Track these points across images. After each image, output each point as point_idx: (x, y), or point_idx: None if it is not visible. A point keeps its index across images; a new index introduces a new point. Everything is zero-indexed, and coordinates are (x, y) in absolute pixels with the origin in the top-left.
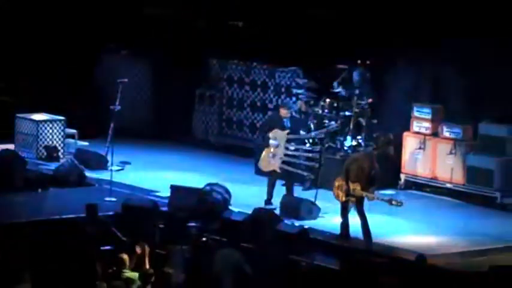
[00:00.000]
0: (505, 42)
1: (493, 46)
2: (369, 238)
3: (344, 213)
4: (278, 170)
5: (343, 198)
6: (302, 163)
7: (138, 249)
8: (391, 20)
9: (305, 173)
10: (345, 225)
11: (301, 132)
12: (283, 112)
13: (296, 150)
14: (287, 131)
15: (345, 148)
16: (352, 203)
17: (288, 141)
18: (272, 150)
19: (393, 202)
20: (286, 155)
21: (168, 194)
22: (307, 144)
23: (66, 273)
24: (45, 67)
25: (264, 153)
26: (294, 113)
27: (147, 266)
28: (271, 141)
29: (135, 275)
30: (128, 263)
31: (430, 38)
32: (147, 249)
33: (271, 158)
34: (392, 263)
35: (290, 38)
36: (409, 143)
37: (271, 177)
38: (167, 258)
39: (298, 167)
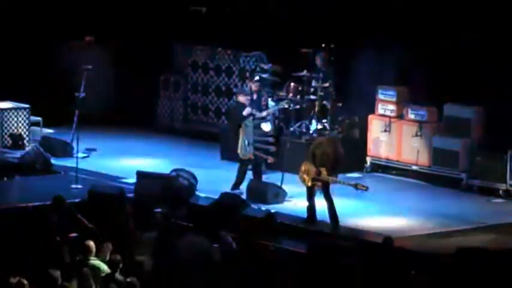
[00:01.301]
0: (469, 22)
1: (457, 27)
2: (336, 221)
3: (310, 197)
4: (252, 157)
5: (309, 183)
6: (264, 147)
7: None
8: (356, 3)
9: (269, 158)
10: (311, 209)
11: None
12: (243, 99)
13: (261, 135)
14: (251, 117)
15: (311, 132)
16: (318, 187)
17: (256, 126)
18: (246, 138)
19: (359, 187)
20: (254, 140)
21: (134, 181)
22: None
23: (30, 262)
24: (8, 54)
25: (240, 142)
26: (252, 97)
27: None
28: (242, 129)
29: (101, 263)
30: (94, 250)
31: (394, 20)
32: (109, 246)
33: (247, 146)
34: (360, 246)
35: (254, 23)
36: (374, 125)
37: (244, 164)
38: (136, 245)
39: (263, 151)
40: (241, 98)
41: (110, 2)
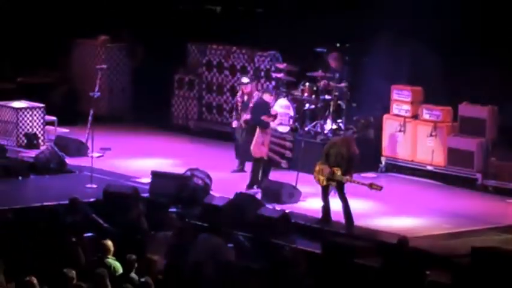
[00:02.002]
0: (485, 22)
1: (472, 27)
2: (351, 222)
3: (325, 197)
4: (265, 157)
5: (324, 183)
6: (280, 151)
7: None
8: (369, 2)
9: (283, 162)
10: (326, 209)
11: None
12: (268, 97)
13: (278, 137)
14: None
15: (325, 132)
16: (332, 186)
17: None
18: (262, 136)
19: (373, 186)
20: (271, 142)
21: (149, 180)
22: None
23: (45, 262)
24: (24, 53)
25: (254, 139)
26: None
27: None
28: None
29: (117, 262)
30: (111, 249)
31: (409, 19)
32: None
33: (260, 145)
34: (374, 246)
35: (269, 22)
36: (389, 125)
37: (257, 163)
38: (150, 245)
39: (279, 155)
40: (266, 97)
41: (125, 1)
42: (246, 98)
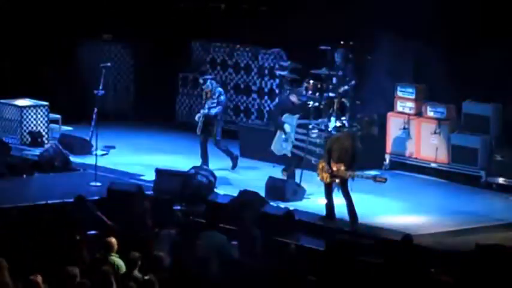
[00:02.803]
0: (488, 19)
1: (476, 24)
2: (355, 219)
3: (328, 194)
4: (289, 154)
5: (328, 180)
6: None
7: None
8: (370, 2)
9: (313, 159)
10: (329, 206)
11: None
12: (294, 99)
13: (305, 135)
14: (297, 116)
15: (329, 129)
16: (336, 183)
17: (298, 126)
18: (285, 134)
19: (378, 179)
20: (297, 139)
21: (153, 178)
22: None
23: (49, 259)
24: (28, 52)
25: (276, 137)
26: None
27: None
28: (286, 126)
29: (120, 260)
30: (115, 247)
31: (413, 17)
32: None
33: (283, 142)
34: (379, 243)
35: (272, 20)
36: (393, 123)
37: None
38: (155, 242)
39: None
40: (293, 98)
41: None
42: (208, 95)
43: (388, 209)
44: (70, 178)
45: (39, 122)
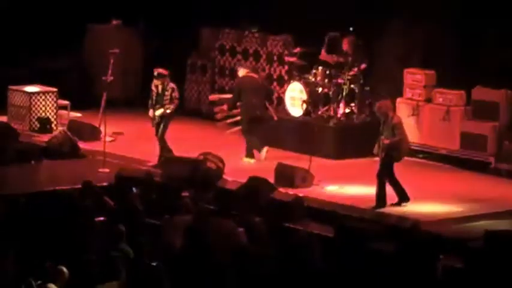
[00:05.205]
0: (499, 5)
1: (486, 10)
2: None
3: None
4: None
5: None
6: None
7: None
8: None
9: None
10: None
11: None
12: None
13: None
14: None
15: (338, 115)
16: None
17: None
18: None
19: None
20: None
21: (161, 164)
22: None
23: (57, 246)
24: (36, 38)
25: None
26: None
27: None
28: None
29: (128, 247)
30: (124, 233)
31: (421, 2)
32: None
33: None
34: (387, 230)
35: (281, 6)
36: (402, 109)
37: None
38: (166, 229)
39: None
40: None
41: None
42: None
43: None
44: (78, 164)
45: (47, 108)
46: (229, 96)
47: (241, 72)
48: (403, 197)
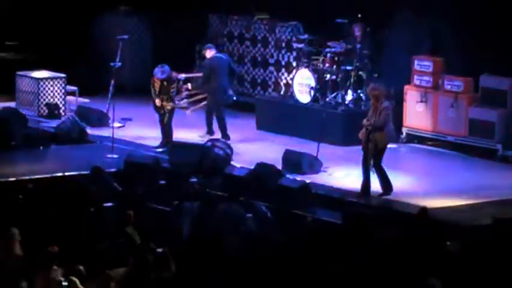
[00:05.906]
0: None
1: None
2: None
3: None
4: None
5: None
6: None
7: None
8: None
9: None
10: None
11: None
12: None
13: None
14: None
15: (346, 102)
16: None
17: None
18: None
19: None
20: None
21: (170, 150)
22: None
23: (65, 231)
24: (45, 24)
25: None
26: None
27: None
28: None
29: (135, 232)
30: (132, 219)
31: None
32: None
33: None
34: (394, 216)
35: None
36: (410, 96)
37: None
38: (176, 214)
39: None
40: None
41: None
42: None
43: (404, 182)
44: (87, 150)
45: (56, 94)
46: (199, 74)
47: (209, 53)
48: (387, 189)
